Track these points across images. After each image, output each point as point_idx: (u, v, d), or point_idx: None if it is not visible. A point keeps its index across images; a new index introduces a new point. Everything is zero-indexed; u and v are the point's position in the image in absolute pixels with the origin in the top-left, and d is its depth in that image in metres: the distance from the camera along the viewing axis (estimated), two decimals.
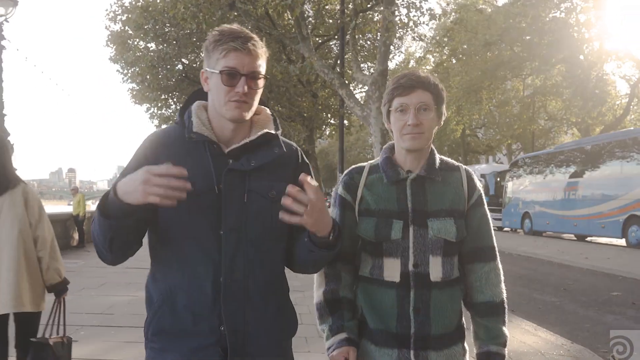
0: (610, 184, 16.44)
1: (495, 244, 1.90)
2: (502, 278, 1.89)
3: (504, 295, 1.87)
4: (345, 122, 18.44)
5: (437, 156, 1.87)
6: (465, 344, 1.87)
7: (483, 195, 1.91)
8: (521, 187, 22.14)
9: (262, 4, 10.44)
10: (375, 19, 16.26)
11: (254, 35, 1.62)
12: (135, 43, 18.92)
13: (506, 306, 1.88)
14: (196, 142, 1.62)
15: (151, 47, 18.50)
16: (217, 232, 1.58)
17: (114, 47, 20.15)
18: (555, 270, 11.76)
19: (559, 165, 19.77)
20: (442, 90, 1.82)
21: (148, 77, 18.43)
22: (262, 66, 1.62)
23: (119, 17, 18.72)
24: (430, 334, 1.75)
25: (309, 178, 1.49)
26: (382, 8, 10.92)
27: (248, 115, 1.63)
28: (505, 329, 1.85)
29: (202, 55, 1.65)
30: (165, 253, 1.62)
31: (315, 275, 1.88)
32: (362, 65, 21.32)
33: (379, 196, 1.82)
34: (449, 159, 1.92)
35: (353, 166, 1.96)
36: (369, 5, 13.05)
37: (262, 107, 1.78)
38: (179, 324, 1.59)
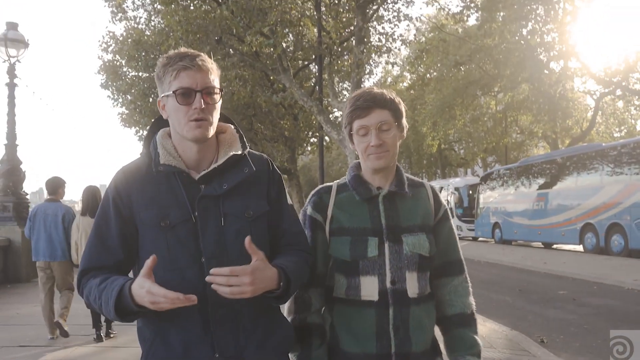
0: (568, 195, 17.97)
1: (462, 257, 1.91)
2: (471, 290, 1.89)
3: (474, 306, 1.87)
4: (327, 138, 19.70)
5: (404, 173, 1.87)
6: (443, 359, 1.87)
7: (448, 210, 1.92)
8: (491, 199, 23.57)
9: (247, 43, 11.69)
10: (351, 47, 17.58)
11: (201, 53, 1.63)
12: (126, 72, 20.10)
13: (476, 317, 1.87)
14: (166, 173, 1.60)
15: (142, 75, 19.62)
16: (199, 261, 1.56)
17: (105, 75, 21.28)
18: (515, 275, 13.06)
19: (523, 178, 21.29)
20: (400, 104, 1.80)
21: (139, 103, 19.57)
22: (215, 81, 1.62)
23: (110, 48, 19.91)
24: (411, 351, 1.72)
25: (251, 246, 1.50)
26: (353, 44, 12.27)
27: (210, 133, 1.62)
28: (479, 339, 1.83)
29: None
30: None
31: None
32: (341, 83, 22.68)
33: (351, 214, 1.78)
34: (413, 176, 1.91)
35: (320, 186, 1.93)
36: (342, 38, 14.35)
37: (227, 124, 1.76)
38: (172, 356, 1.58)
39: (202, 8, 12.55)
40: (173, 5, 12.54)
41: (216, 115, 1.63)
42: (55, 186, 6.29)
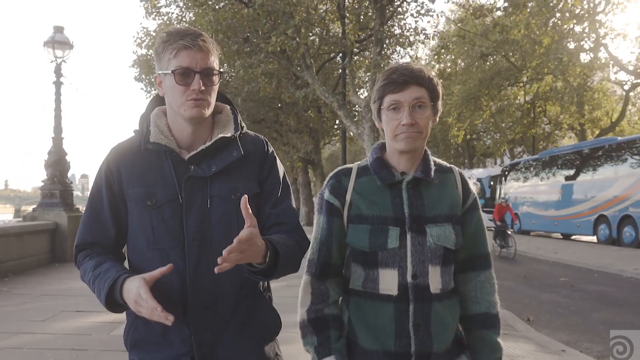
0: (583, 187, 18.46)
1: (489, 251, 1.80)
2: (497, 287, 1.79)
3: (499, 305, 1.77)
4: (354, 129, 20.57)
5: (432, 157, 1.73)
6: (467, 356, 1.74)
7: (477, 198, 1.79)
8: (511, 190, 24.05)
9: (272, 43, 12.55)
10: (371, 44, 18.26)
11: (203, 32, 1.61)
12: None
13: (500, 318, 1.78)
14: (156, 151, 1.60)
15: None
16: (182, 242, 1.56)
17: (139, 68, 22.48)
18: (525, 263, 13.70)
19: (542, 170, 21.77)
20: (437, 85, 1.67)
21: None
22: (215, 62, 1.59)
23: (144, 43, 21.05)
24: (432, 351, 1.61)
25: (246, 207, 1.41)
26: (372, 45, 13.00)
27: (207, 113, 1.60)
28: (501, 342, 1.75)
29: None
30: (135, 264, 1.60)
31: (300, 289, 1.71)
32: (368, 74, 23.39)
33: (371, 201, 1.66)
34: (441, 161, 1.78)
35: (339, 168, 1.80)
36: (363, 36, 15.10)
37: (224, 105, 1.74)
38: (152, 335, 1.60)
39: (231, 10, 13.42)
40: (204, 7, 13.45)
41: (214, 96, 1.63)
42: None
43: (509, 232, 15.34)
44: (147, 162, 1.60)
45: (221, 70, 1.65)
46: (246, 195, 1.43)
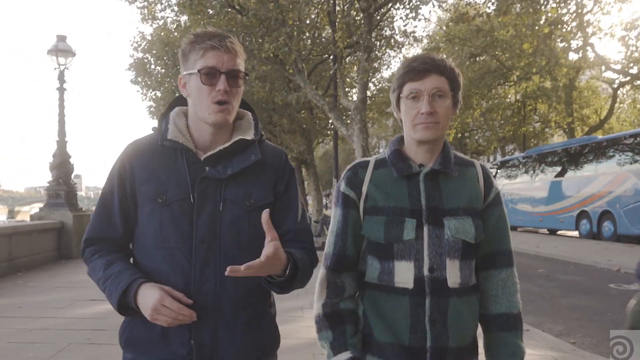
0: (566, 185, 19.26)
1: (512, 247, 1.76)
2: (519, 286, 1.74)
3: (520, 305, 1.70)
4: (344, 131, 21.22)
5: (452, 149, 1.71)
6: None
7: (500, 193, 1.75)
8: (500, 187, 24.79)
9: (265, 50, 13.21)
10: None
11: (230, 35, 1.60)
12: (154, 70, 21.89)
13: (522, 318, 1.71)
14: (172, 149, 1.59)
15: (170, 73, 21.34)
16: (190, 242, 1.55)
17: (135, 71, 23.10)
18: None
19: (527, 168, 22.58)
20: (459, 75, 1.67)
21: (170, 99, 21.30)
22: (241, 65, 1.59)
23: (140, 47, 21.67)
24: (448, 347, 1.57)
25: (268, 226, 1.44)
26: (363, 47, 13.66)
27: (231, 119, 1.60)
28: (523, 345, 1.68)
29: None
30: (141, 262, 1.59)
31: (316, 283, 1.70)
32: (357, 75, 24.06)
33: (387, 192, 1.63)
34: (462, 155, 1.75)
35: (357, 160, 1.78)
36: (354, 39, 15.73)
37: (245, 111, 1.73)
38: (150, 335, 1.57)
39: (226, 17, 14.03)
40: (199, 16, 14.06)
41: (238, 100, 1.62)
42: None
43: None
44: (161, 160, 1.60)
45: (247, 74, 1.64)
46: (268, 210, 1.47)
